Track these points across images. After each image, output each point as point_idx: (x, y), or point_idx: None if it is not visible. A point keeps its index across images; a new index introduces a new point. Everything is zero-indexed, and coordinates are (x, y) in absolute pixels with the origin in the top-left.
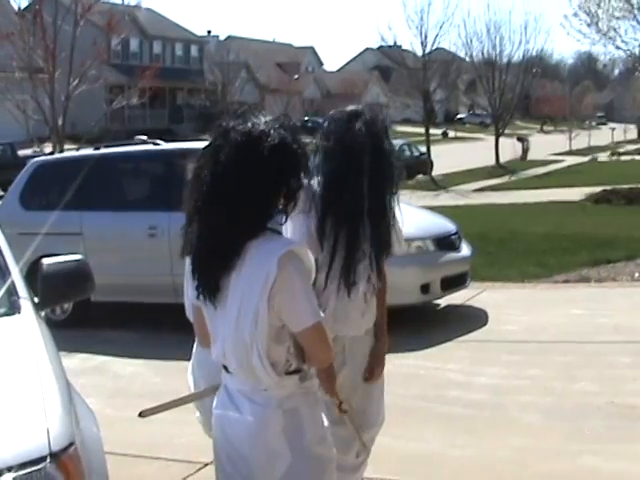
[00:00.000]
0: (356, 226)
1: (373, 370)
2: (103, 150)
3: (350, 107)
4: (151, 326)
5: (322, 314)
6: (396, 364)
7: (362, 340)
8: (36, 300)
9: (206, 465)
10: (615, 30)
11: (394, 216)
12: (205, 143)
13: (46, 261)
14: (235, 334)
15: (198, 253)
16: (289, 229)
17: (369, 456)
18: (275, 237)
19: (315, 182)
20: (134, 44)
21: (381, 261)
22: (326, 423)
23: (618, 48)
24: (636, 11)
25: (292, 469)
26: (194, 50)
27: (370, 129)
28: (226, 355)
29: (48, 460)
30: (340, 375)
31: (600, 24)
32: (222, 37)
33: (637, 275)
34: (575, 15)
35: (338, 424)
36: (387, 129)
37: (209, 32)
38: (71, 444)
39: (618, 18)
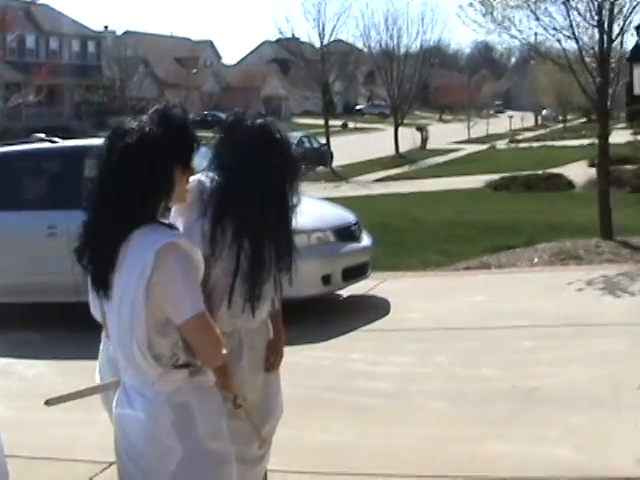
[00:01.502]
0: (251, 230)
1: (272, 360)
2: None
3: (253, 116)
4: (54, 326)
5: (203, 306)
6: (300, 355)
7: (258, 331)
8: None
9: (111, 464)
10: (510, 19)
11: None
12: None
13: None
14: (118, 327)
15: (88, 247)
16: (185, 227)
17: (271, 447)
18: (159, 229)
19: (212, 185)
20: (30, 41)
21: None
22: (221, 418)
23: (513, 37)
24: (530, 1)
25: (184, 465)
26: (91, 46)
27: (270, 143)
28: (115, 349)
29: None
30: (238, 368)
31: (495, 14)
32: (119, 32)
33: (536, 260)
34: (470, 5)
35: (236, 418)
36: (288, 142)
37: (106, 27)
38: None
39: (513, 7)
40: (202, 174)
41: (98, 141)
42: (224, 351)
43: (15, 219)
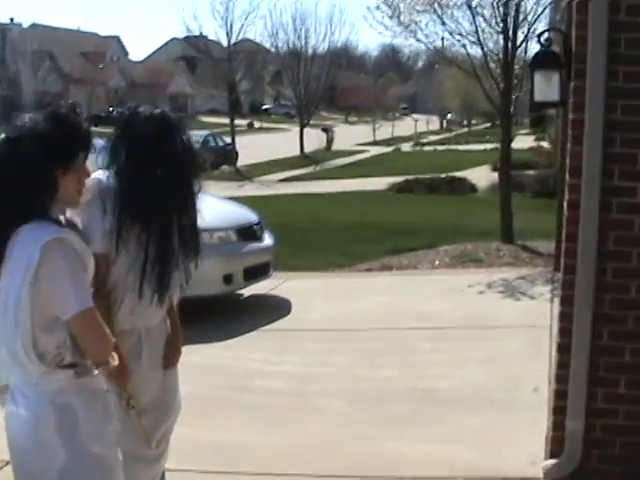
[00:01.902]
0: (153, 227)
1: (170, 357)
2: None
3: (149, 108)
4: None
5: (92, 303)
6: (200, 355)
7: (157, 329)
8: None
9: (7, 463)
10: (416, 23)
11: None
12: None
13: None
14: (3, 324)
15: None
16: (84, 225)
17: (168, 445)
18: (45, 226)
19: (114, 180)
20: None
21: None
22: (107, 422)
23: (419, 41)
24: (436, 5)
25: (68, 468)
26: None
27: (168, 133)
28: (1, 347)
29: None
30: (138, 366)
31: (402, 17)
32: (25, 25)
33: (437, 262)
34: (377, 8)
35: (128, 416)
36: (187, 132)
37: (12, 19)
38: None
39: (419, 12)
40: (100, 171)
41: None
42: (114, 355)
43: None
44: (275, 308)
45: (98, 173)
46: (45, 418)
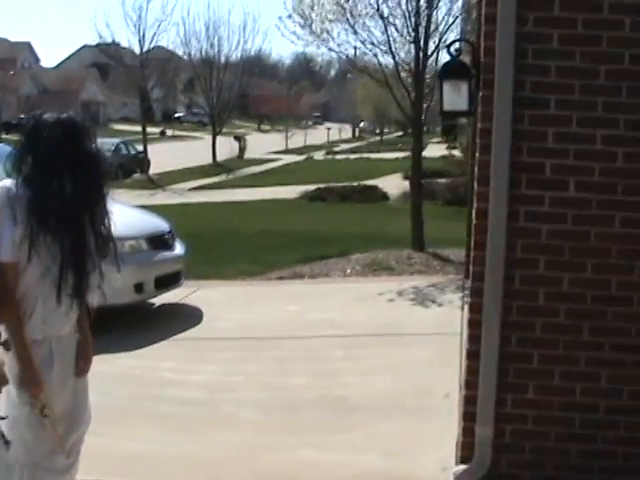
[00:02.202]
0: (75, 234)
1: (81, 365)
2: None
3: (54, 114)
4: None
5: None
6: (111, 364)
7: (68, 338)
8: None
9: None
10: (328, 32)
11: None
12: None
13: None
14: None
15: None
16: None
17: (79, 456)
18: None
19: (22, 188)
20: None
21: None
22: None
23: (331, 50)
24: (348, 15)
25: None
26: None
27: (75, 137)
28: None
29: None
30: (50, 376)
31: (314, 26)
32: None
33: (349, 271)
34: (289, 17)
35: (43, 427)
36: (93, 136)
37: None
38: None
39: (331, 21)
40: (8, 179)
41: None
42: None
43: None
44: (186, 317)
45: (6, 181)
46: None
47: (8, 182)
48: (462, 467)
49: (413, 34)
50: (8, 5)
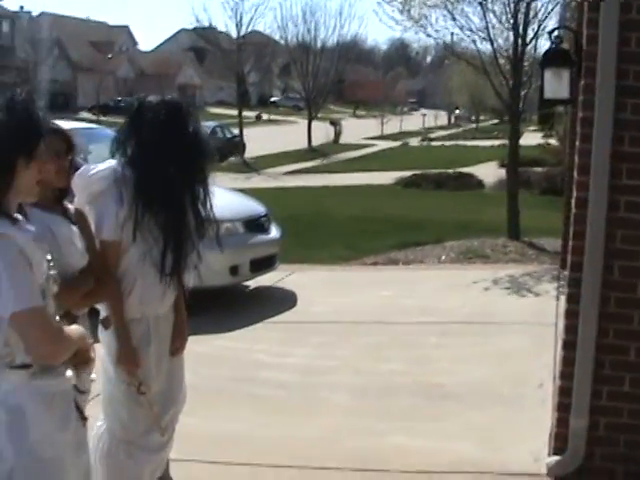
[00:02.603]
0: (165, 216)
1: (177, 344)
2: None
3: (158, 97)
4: None
5: (36, 301)
6: (206, 345)
7: (165, 318)
8: None
9: None
10: (426, 18)
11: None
12: None
13: None
14: None
15: None
16: (94, 215)
17: (174, 435)
18: None
19: (129, 171)
20: None
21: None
22: (60, 427)
23: (429, 36)
24: (447, 1)
25: (15, 471)
26: (5, 25)
27: (179, 119)
28: None
29: None
30: (147, 355)
31: (412, 11)
32: (35, 13)
33: (444, 258)
34: (388, 2)
35: (139, 405)
36: (196, 118)
37: (22, 7)
38: None
39: (430, 6)
40: (112, 161)
41: None
42: (66, 350)
43: None
44: (281, 300)
45: (111, 162)
46: None
47: (113, 163)
48: (555, 458)
49: (512, 21)
50: None
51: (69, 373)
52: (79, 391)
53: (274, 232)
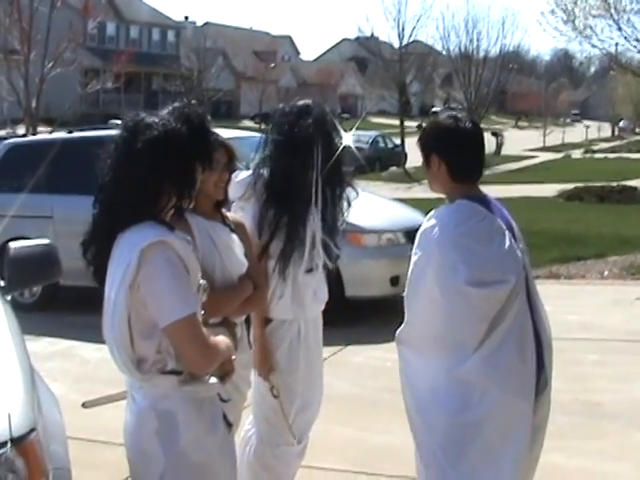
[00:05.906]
0: (298, 215)
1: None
2: (76, 134)
3: (300, 102)
4: None
5: (192, 310)
6: (365, 356)
7: (315, 324)
8: (2, 284)
9: None
10: (591, 28)
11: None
12: None
13: (14, 245)
14: (105, 325)
15: (94, 241)
16: (245, 215)
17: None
18: (150, 227)
19: (265, 172)
20: (110, 28)
21: (332, 247)
22: (210, 432)
23: (594, 46)
24: (612, 10)
25: (166, 476)
26: (171, 35)
27: (319, 124)
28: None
29: (9, 445)
30: (296, 358)
31: (576, 22)
32: (199, 23)
33: (606, 273)
34: (552, 12)
35: (272, 409)
36: (335, 124)
37: (186, 18)
38: (32, 429)
39: (594, 16)
40: (257, 167)
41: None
42: (214, 361)
43: (88, 203)
44: None
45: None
46: (146, 423)
47: (260, 169)
48: None
49: None
50: (270, 1)
51: (213, 380)
52: (222, 400)
53: None
